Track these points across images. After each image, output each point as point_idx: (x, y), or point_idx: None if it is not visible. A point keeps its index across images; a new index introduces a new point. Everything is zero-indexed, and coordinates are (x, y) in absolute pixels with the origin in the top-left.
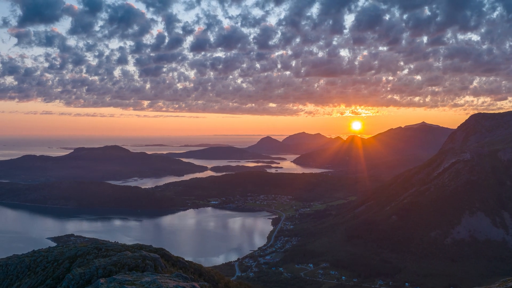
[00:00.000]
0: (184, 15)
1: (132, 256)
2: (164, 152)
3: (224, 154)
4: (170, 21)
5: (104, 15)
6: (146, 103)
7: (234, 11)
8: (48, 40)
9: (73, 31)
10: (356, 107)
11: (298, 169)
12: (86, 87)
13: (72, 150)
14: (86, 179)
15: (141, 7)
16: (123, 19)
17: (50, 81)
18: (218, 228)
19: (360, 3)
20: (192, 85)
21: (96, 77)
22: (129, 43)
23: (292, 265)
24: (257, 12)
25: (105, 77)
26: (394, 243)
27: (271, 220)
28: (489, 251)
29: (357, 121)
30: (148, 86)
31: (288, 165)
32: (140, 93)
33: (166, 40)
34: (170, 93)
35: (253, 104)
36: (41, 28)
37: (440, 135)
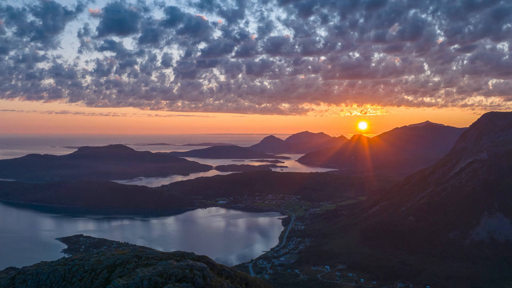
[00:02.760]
0: (250, 26)
1: (179, 266)
2: (168, 151)
3: (228, 153)
4: (229, 31)
5: (180, 26)
6: (164, 102)
7: (297, 21)
8: (109, 45)
9: (142, 40)
10: (367, 106)
11: (303, 168)
12: (118, 88)
13: (76, 149)
14: (92, 178)
15: (212, 17)
16: (192, 31)
17: (86, 82)
18: (228, 228)
19: (409, 15)
20: (217, 85)
21: (133, 79)
22: (185, 49)
23: (308, 267)
24: (316, 24)
25: (141, 79)
26: (412, 245)
27: (281, 220)
28: (510, 253)
29: (362, 120)
30: (177, 87)
31: (293, 164)
32: (166, 93)
33: (219, 48)
34: (195, 94)
35: (267, 104)
36: (115, 38)
37: (444, 134)
